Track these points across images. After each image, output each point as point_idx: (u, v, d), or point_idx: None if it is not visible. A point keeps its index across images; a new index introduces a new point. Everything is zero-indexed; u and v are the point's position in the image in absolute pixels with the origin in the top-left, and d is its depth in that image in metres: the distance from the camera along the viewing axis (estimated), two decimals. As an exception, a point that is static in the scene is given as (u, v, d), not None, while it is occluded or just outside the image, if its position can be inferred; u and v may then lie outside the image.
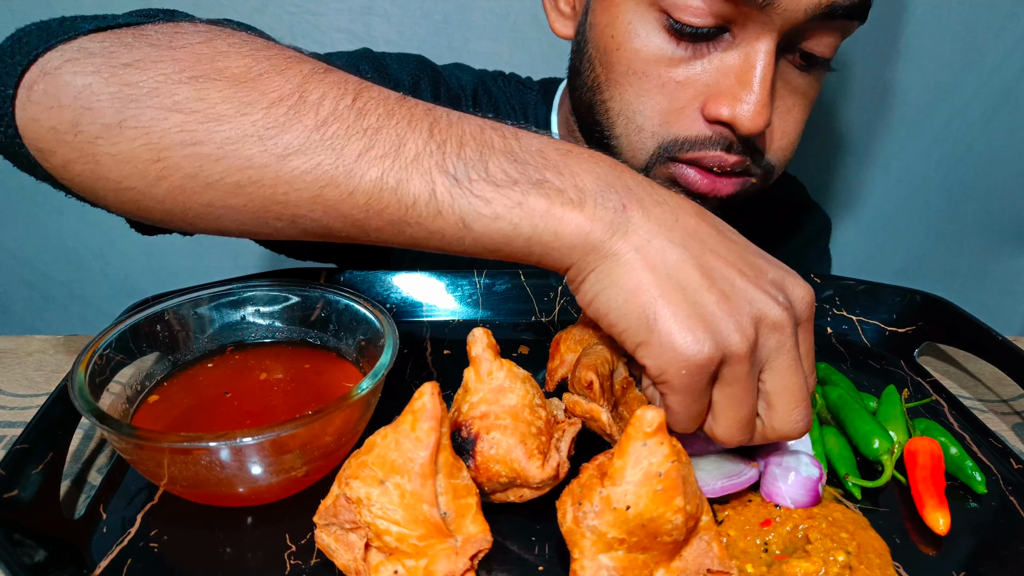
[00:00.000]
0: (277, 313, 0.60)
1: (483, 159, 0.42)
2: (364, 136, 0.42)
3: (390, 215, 0.43)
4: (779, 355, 0.43)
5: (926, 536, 0.49)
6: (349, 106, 0.43)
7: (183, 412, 0.53)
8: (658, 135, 0.66)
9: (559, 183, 0.42)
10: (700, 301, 0.41)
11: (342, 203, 0.43)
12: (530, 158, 0.43)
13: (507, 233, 0.42)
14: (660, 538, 0.39)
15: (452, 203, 0.42)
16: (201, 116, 0.42)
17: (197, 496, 0.48)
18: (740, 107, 0.61)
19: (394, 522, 0.39)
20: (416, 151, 0.42)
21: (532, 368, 0.54)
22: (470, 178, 0.42)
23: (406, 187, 0.42)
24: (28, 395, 0.63)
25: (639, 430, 0.38)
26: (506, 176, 0.42)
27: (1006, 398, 0.69)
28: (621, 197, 0.42)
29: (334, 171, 0.42)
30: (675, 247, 0.42)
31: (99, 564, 0.44)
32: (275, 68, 0.45)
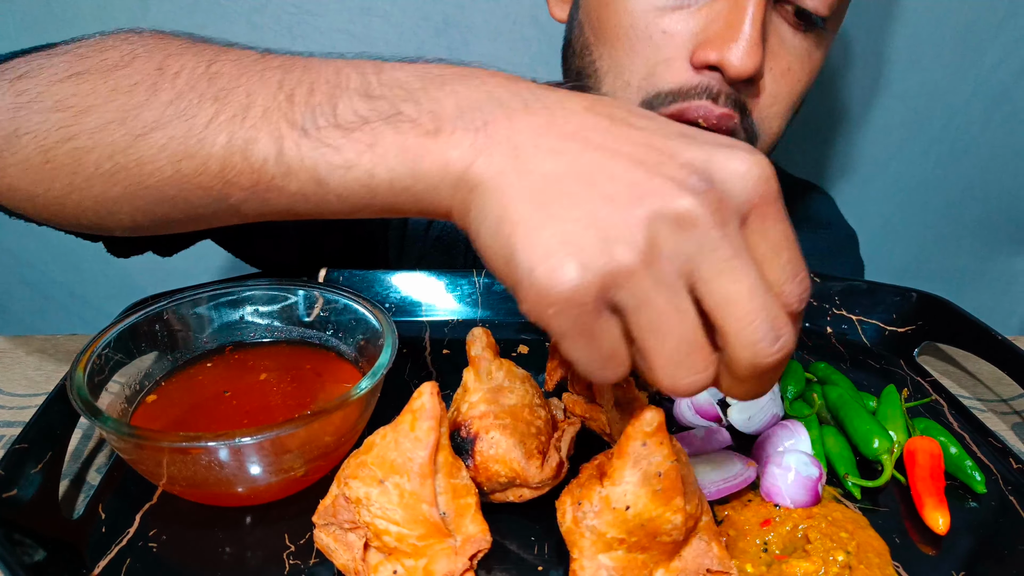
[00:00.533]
0: (276, 313, 0.60)
1: (332, 102, 0.38)
2: (215, 101, 0.40)
3: (246, 182, 0.40)
4: (705, 258, 0.31)
5: (926, 536, 0.49)
6: (203, 73, 0.42)
7: (182, 412, 0.53)
8: (643, 88, 0.66)
9: (413, 113, 0.36)
10: (570, 215, 0.31)
11: (199, 176, 0.41)
12: (387, 91, 0.37)
13: (365, 183, 0.37)
14: (659, 538, 0.39)
15: (302, 158, 0.38)
16: (75, 111, 0.42)
17: (196, 496, 0.48)
18: (729, 47, 0.60)
19: (393, 522, 0.39)
20: (264, 107, 0.39)
21: (531, 368, 0.54)
22: (318, 125, 0.38)
23: (254, 147, 0.39)
24: (27, 395, 0.63)
25: (639, 430, 0.38)
26: (356, 116, 0.37)
27: (1006, 398, 0.69)
28: (486, 115, 0.35)
29: (186, 142, 0.41)
30: (545, 156, 0.33)
31: (98, 564, 0.44)
32: (146, 52, 0.44)
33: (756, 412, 0.57)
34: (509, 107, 0.35)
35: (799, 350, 0.72)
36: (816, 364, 0.67)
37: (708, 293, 0.32)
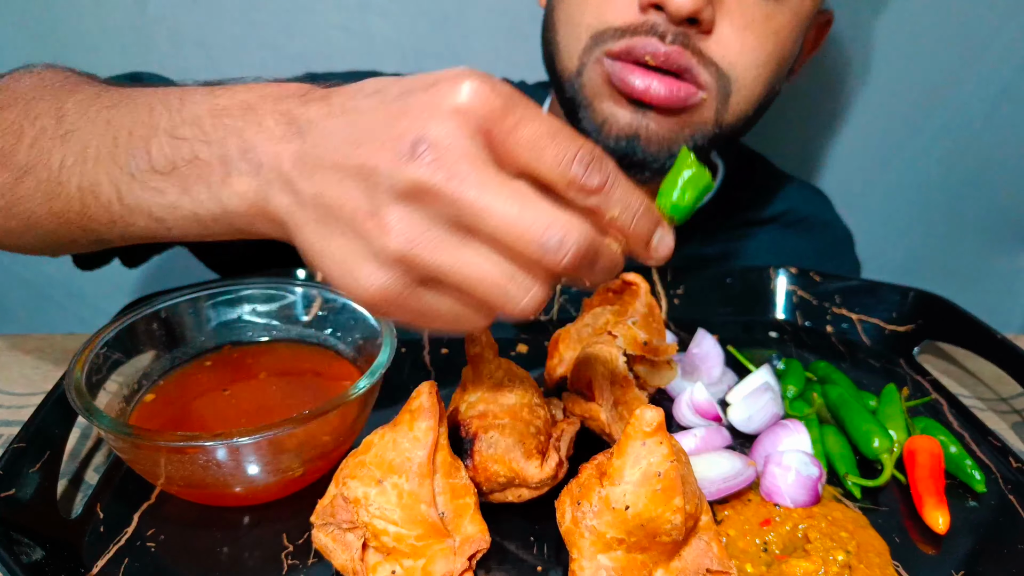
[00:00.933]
0: (274, 312, 0.60)
1: (147, 145, 0.42)
2: (62, 144, 0.45)
3: (103, 219, 0.44)
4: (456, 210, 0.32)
5: (926, 535, 0.49)
6: (55, 114, 0.46)
7: (180, 411, 0.53)
8: (592, 27, 0.67)
9: (207, 157, 0.40)
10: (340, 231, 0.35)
11: (66, 211, 0.46)
12: (188, 131, 0.41)
13: (193, 220, 0.41)
14: (659, 538, 0.39)
15: (137, 201, 0.42)
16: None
17: (194, 496, 0.47)
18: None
19: (392, 522, 0.39)
20: (97, 150, 0.43)
21: (531, 367, 0.54)
22: (140, 169, 0.42)
23: (99, 190, 0.43)
24: (25, 394, 0.63)
25: (638, 430, 0.38)
26: (166, 160, 0.41)
27: (1005, 396, 0.68)
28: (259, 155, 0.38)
29: (49, 185, 0.45)
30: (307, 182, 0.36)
31: (96, 563, 0.44)
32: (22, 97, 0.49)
33: (756, 412, 0.57)
34: (275, 139, 0.38)
35: (799, 349, 0.72)
36: (816, 363, 0.67)
37: (481, 234, 0.33)
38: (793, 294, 0.78)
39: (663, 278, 0.77)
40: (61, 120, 0.46)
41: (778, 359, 0.66)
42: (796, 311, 0.78)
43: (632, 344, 0.53)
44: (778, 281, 0.79)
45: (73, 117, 0.46)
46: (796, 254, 0.94)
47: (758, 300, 0.78)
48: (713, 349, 0.64)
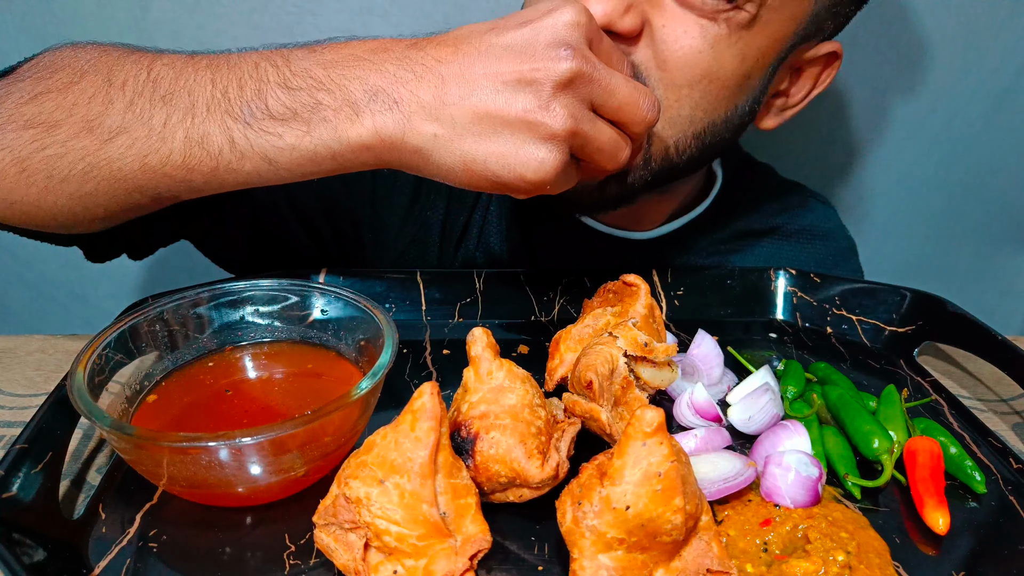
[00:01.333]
0: (276, 313, 0.60)
1: (262, 95, 0.47)
2: (163, 104, 0.49)
3: (206, 168, 0.49)
4: (591, 89, 0.48)
5: (926, 536, 0.49)
6: (145, 79, 0.50)
7: (182, 412, 0.53)
8: None
9: (331, 102, 0.46)
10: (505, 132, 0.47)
11: (165, 167, 0.50)
12: (301, 82, 0.47)
13: (311, 158, 0.47)
14: (659, 538, 0.39)
15: (251, 145, 0.47)
16: (45, 125, 0.51)
17: (196, 496, 0.48)
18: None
19: (393, 522, 0.39)
20: (206, 104, 0.48)
21: (532, 368, 0.54)
22: (256, 117, 0.47)
23: (209, 140, 0.48)
24: (27, 395, 0.63)
25: (638, 430, 0.38)
26: (285, 108, 0.47)
27: (1006, 398, 0.69)
28: (392, 94, 0.47)
29: (149, 141, 0.49)
30: (452, 107, 0.46)
31: (98, 564, 0.44)
32: (91, 67, 0.52)
33: (756, 412, 0.57)
34: (405, 81, 0.47)
35: (799, 350, 0.72)
36: (816, 364, 0.67)
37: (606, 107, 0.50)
38: (793, 295, 0.78)
39: (663, 279, 0.78)
40: (155, 84, 0.50)
41: (778, 360, 0.67)
42: (796, 312, 0.78)
43: (632, 345, 0.53)
44: (778, 282, 0.79)
45: (169, 80, 0.50)
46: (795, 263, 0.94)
47: (758, 301, 0.78)
48: (713, 350, 0.64)
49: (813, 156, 1.26)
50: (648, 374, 0.57)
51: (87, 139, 0.51)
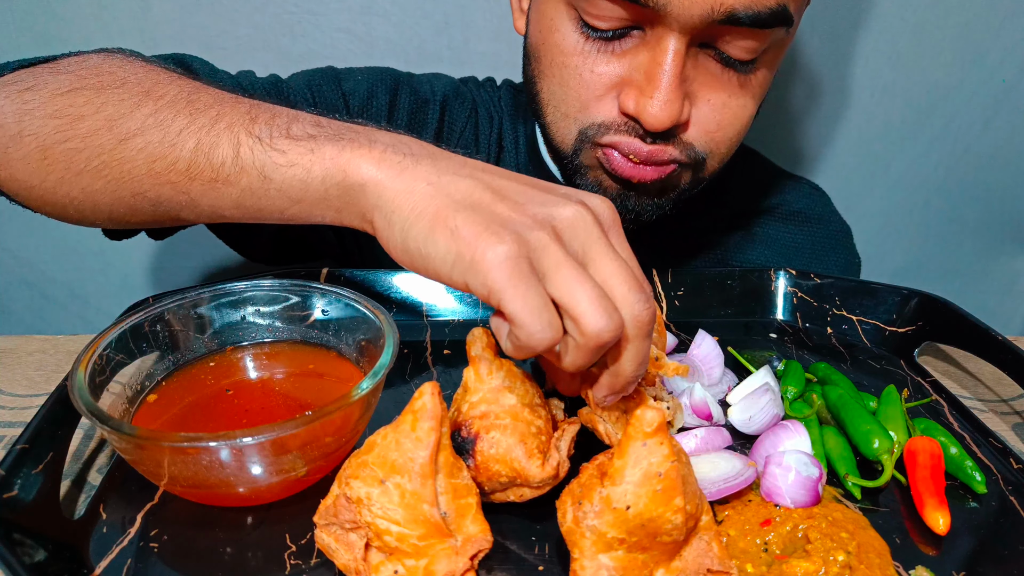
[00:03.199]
0: (277, 313, 0.60)
1: (288, 124, 0.48)
2: (189, 117, 0.50)
3: (205, 178, 0.49)
4: (592, 247, 0.42)
5: (926, 536, 0.49)
6: (185, 97, 0.52)
7: (183, 412, 0.53)
8: (579, 120, 0.68)
9: (353, 136, 0.46)
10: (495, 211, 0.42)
11: (168, 172, 0.50)
12: (333, 125, 0.48)
13: (302, 178, 0.46)
14: (660, 538, 0.39)
15: (253, 158, 0.47)
16: (71, 118, 0.52)
17: (197, 496, 0.48)
18: (645, 102, 0.62)
19: (394, 522, 0.39)
20: (230, 122, 0.49)
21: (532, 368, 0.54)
22: (272, 136, 0.47)
23: (216, 151, 0.48)
24: (28, 395, 0.63)
25: (639, 430, 0.38)
26: (305, 133, 0.47)
27: (1006, 398, 0.69)
28: (412, 150, 0.46)
29: (161, 146, 0.50)
30: (464, 178, 0.44)
31: (99, 564, 0.44)
32: (136, 79, 0.54)
33: (756, 412, 0.57)
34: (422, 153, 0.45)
35: (800, 350, 0.72)
36: (816, 364, 0.67)
37: (597, 270, 0.42)
38: (793, 295, 0.78)
39: (663, 279, 0.78)
40: (193, 102, 0.51)
41: (778, 360, 0.67)
42: (796, 312, 0.78)
43: None
44: (778, 283, 0.79)
45: (208, 101, 0.51)
46: (791, 247, 0.95)
47: (758, 301, 0.78)
48: (713, 350, 0.64)
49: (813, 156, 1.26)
50: None
51: (105, 136, 0.51)
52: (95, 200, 0.55)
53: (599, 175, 0.71)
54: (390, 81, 0.87)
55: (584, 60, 0.66)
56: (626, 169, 0.68)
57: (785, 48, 0.69)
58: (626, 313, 0.41)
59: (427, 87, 0.88)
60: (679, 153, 0.67)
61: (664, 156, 0.66)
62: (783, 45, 0.67)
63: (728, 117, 0.67)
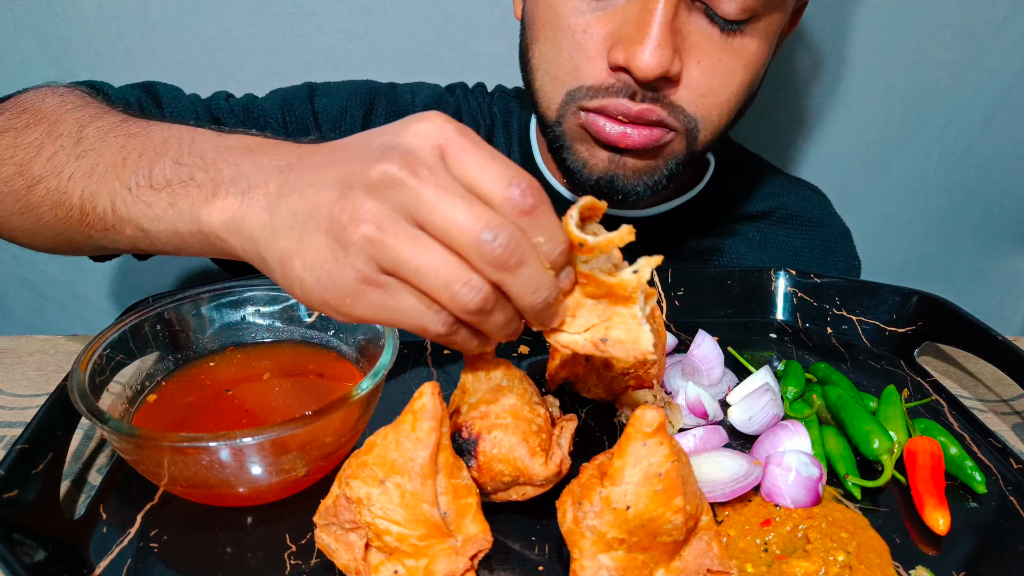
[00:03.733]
0: (277, 313, 0.60)
1: (151, 167, 0.47)
2: (76, 159, 0.51)
3: (97, 225, 0.50)
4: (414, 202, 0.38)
5: (926, 536, 0.49)
6: (74, 135, 0.53)
7: (183, 412, 0.53)
8: (568, 83, 0.69)
9: (201, 179, 0.45)
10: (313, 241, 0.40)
11: (69, 218, 0.52)
12: (191, 160, 0.47)
13: (173, 231, 0.46)
14: (660, 538, 0.39)
15: (128, 210, 0.48)
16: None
17: (197, 496, 0.48)
18: (634, 50, 0.62)
19: (394, 522, 0.39)
20: (106, 167, 0.50)
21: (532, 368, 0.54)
22: (138, 184, 0.47)
23: (97, 200, 0.49)
24: (28, 395, 0.63)
25: (639, 430, 0.38)
26: (164, 180, 0.46)
27: (1006, 398, 0.69)
28: (250, 181, 0.43)
29: (57, 193, 0.52)
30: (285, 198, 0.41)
31: (99, 564, 0.44)
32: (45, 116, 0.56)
33: (756, 412, 0.57)
34: (267, 170, 0.43)
35: (800, 350, 0.72)
36: (816, 364, 0.67)
37: (430, 225, 0.38)
38: (793, 296, 0.78)
39: (663, 279, 0.78)
40: (79, 141, 0.52)
41: (778, 360, 0.67)
42: (796, 312, 0.78)
43: None
44: (778, 283, 0.79)
45: (91, 140, 0.52)
46: (790, 250, 0.95)
47: (758, 301, 0.78)
48: (713, 350, 0.64)
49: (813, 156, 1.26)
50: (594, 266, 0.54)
51: (18, 182, 0.55)
52: (32, 237, 0.58)
53: (586, 150, 0.71)
54: (365, 95, 0.87)
55: (578, 20, 0.66)
56: (613, 133, 0.67)
57: (779, 23, 0.69)
58: (479, 262, 0.37)
59: (408, 97, 0.89)
60: (668, 115, 0.67)
61: (653, 116, 0.66)
62: (776, 15, 0.67)
63: (718, 81, 0.67)
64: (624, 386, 0.60)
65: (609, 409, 0.61)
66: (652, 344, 0.41)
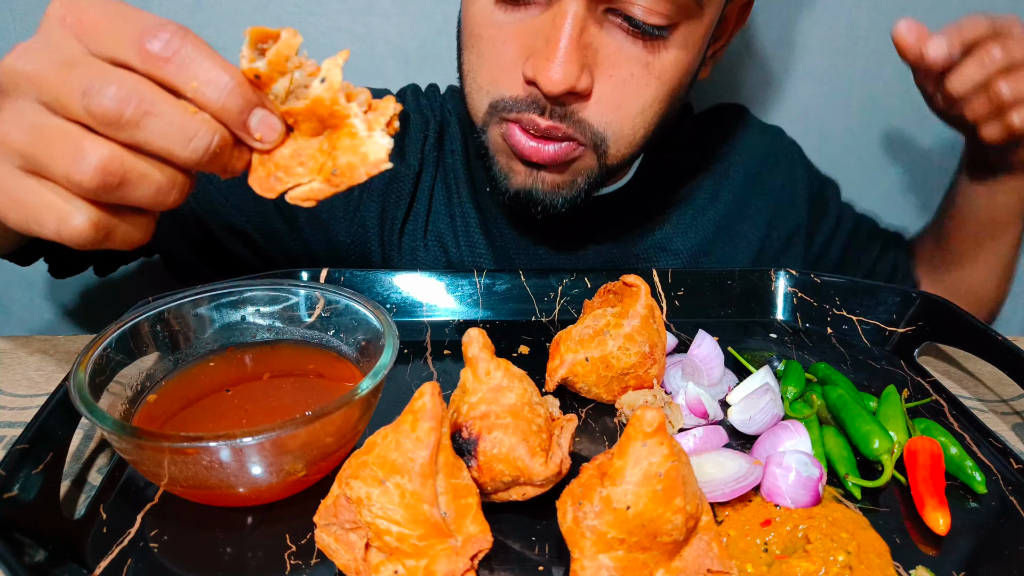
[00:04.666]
0: (277, 313, 0.60)
1: None
2: None
3: None
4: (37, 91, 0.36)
5: (926, 536, 0.49)
6: None
7: (183, 412, 0.53)
8: (490, 93, 0.69)
9: None
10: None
11: None
12: None
13: None
14: (660, 538, 0.39)
15: None
16: None
17: (197, 496, 0.48)
18: (541, 65, 0.62)
19: (394, 522, 0.39)
20: None
21: (532, 368, 0.54)
22: None
23: None
24: (28, 395, 0.63)
25: (639, 430, 0.38)
26: None
27: (1006, 398, 0.69)
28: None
29: None
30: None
31: (99, 564, 0.44)
32: None
33: (756, 412, 0.57)
34: None
35: (800, 350, 0.72)
36: (816, 364, 0.67)
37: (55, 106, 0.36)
38: (793, 296, 0.78)
39: (663, 279, 0.78)
40: None
41: (778, 360, 0.67)
42: (796, 312, 0.78)
43: None
44: (778, 283, 0.79)
45: None
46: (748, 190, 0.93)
47: (758, 301, 0.78)
48: (713, 350, 0.64)
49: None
50: None
51: None
52: None
53: (506, 162, 0.71)
54: None
55: (497, 31, 0.66)
56: (525, 147, 0.68)
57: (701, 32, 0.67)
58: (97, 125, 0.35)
59: None
60: (575, 131, 0.67)
61: (558, 133, 0.66)
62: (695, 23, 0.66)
63: (629, 95, 0.66)
64: (624, 386, 0.60)
65: (609, 409, 0.61)
66: (386, 151, 0.38)
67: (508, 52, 0.66)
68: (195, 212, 0.80)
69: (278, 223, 0.84)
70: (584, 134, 0.67)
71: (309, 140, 0.39)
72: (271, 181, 0.40)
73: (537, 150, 0.68)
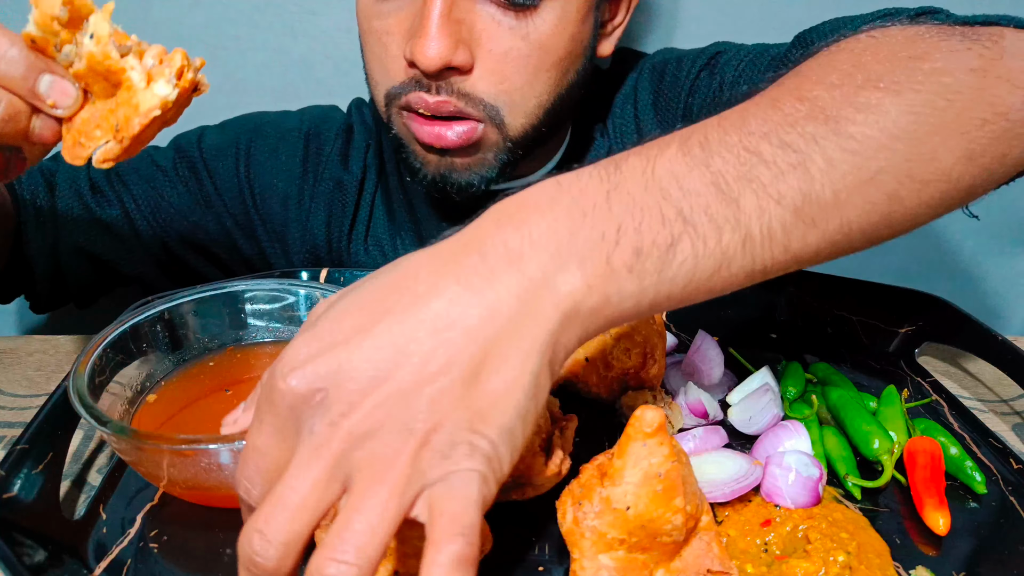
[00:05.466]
0: (277, 313, 0.60)
1: None
2: None
3: None
4: None
5: (926, 536, 0.49)
6: None
7: (183, 412, 0.53)
8: (384, 85, 0.69)
9: None
10: None
11: None
12: None
13: None
14: (660, 538, 0.39)
15: None
16: None
17: (197, 497, 0.48)
18: (415, 43, 0.62)
19: (394, 522, 0.39)
20: None
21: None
22: None
23: None
24: (28, 395, 0.63)
25: (639, 430, 0.38)
26: None
27: (1006, 398, 0.69)
28: None
29: None
30: None
31: (99, 564, 0.44)
32: None
33: (756, 413, 0.57)
34: None
35: (800, 350, 0.72)
36: (816, 365, 0.67)
37: None
38: (793, 295, 0.78)
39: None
40: None
41: (778, 361, 0.67)
42: (796, 312, 0.78)
43: None
44: (778, 282, 0.79)
45: None
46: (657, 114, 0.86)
47: (758, 301, 0.78)
48: (713, 350, 0.64)
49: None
50: None
51: None
52: None
53: (416, 149, 0.71)
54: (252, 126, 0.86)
55: (381, 23, 0.67)
56: (426, 134, 0.68)
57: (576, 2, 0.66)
58: None
59: (293, 121, 0.87)
60: (465, 105, 0.66)
61: (449, 107, 0.66)
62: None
63: (511, 65, 0.66)
64: (624, 386, 0.60)
65: (609, 409, 0.61)
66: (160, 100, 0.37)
67: (393, 42, 0.67)
68: (159, 236, 0.82)
69: (238, 237, 0.85)
70: (476, 108, 0.67)
71: (106, 102, 0.39)
72: (76, 149, 0.40)
73: (439, 136, 0.68)
